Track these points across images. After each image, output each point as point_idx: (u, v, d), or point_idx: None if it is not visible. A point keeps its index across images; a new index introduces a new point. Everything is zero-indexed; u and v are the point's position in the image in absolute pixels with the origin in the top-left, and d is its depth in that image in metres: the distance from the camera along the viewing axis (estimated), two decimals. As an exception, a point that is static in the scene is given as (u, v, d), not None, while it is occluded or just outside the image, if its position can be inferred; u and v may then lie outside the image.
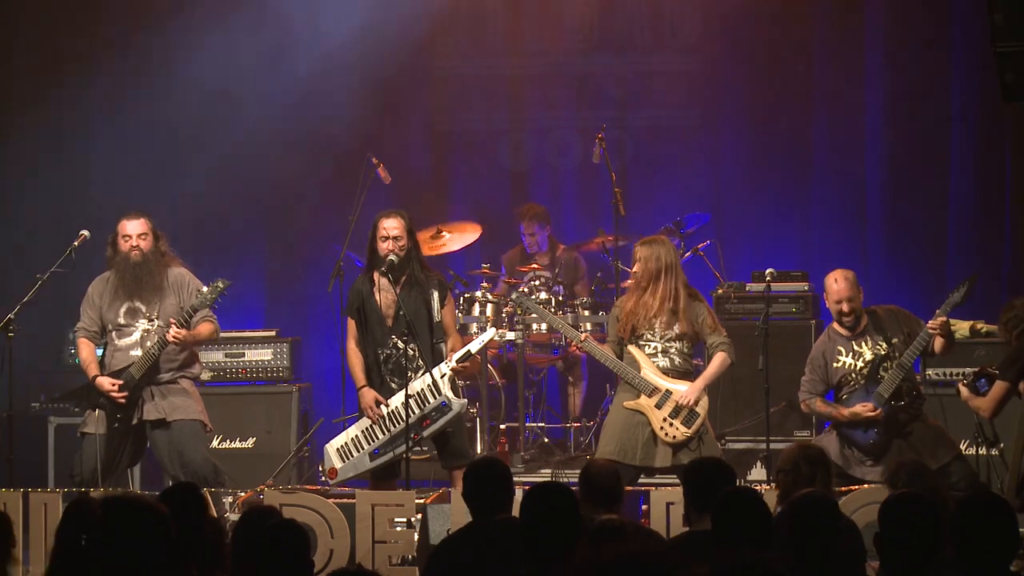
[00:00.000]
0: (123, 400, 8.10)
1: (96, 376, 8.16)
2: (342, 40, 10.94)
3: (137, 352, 8.20)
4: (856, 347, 8.18)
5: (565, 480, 8.40)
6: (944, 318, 7.95)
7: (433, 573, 5.62)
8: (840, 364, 8.21)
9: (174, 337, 8.02)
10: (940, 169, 10.78)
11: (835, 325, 8.28)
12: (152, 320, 8.21)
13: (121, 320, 8.24)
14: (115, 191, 10.68)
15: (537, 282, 9.73)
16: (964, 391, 7.93)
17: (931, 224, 10.79)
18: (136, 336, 8.21)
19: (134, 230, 8.25)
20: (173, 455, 8.13)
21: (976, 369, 8.06)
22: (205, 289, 8.11)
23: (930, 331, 7.97)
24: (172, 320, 8.06)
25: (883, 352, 8.12)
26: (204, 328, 8.27)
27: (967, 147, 10.69)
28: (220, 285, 8.09)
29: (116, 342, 8.24)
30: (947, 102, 10.73)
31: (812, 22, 11.02)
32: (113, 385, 8.11)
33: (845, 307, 8.13)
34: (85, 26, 11.00)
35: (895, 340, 8.13)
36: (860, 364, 8.14)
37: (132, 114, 10.97)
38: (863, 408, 8.02)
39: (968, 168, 10.69)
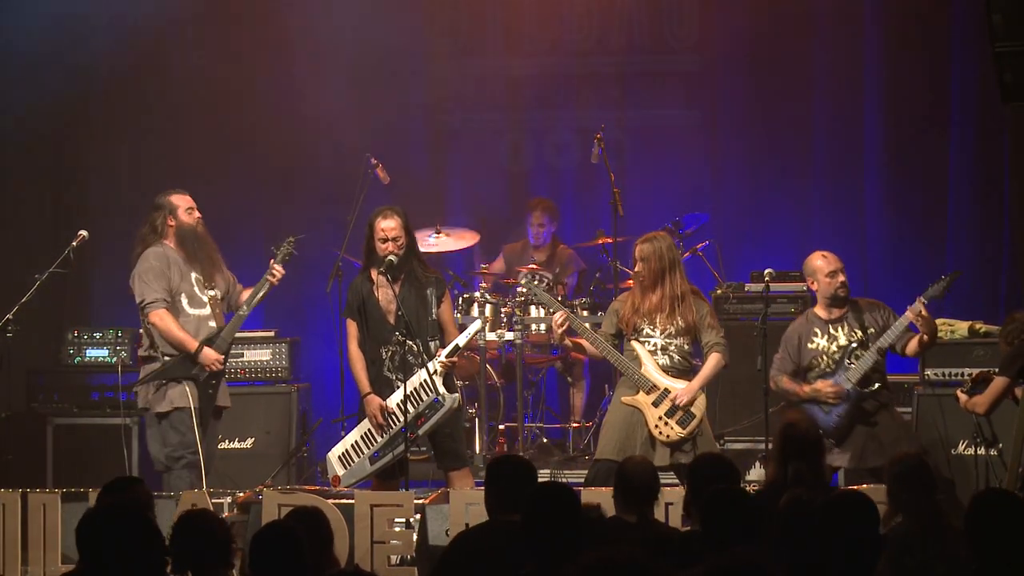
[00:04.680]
0: (223, 369, 8.24)
1: (201, 346, 8.14)
2: (340, 38, 10.94)
3: (212, 323, 8.26)
4: (832, 331, 8.29)
5: (564, 480, 8.44)
6: (926, 313, 8.02)
7: (450, 569, 5.61)
8: (814, 346, 8.32)
9: (282, 274, 8.28)
10: (939, 170, 10.77)
11: (815, 309, 8.41)
12: (213, 290, 8.31)
13: (195, 289, 8.25)
14: (111, 191, 10.75)
15: (536, 281, 9.69)
16: (963, 398, 7.96)
17: (930, 225, 10.80)
18: (208, 308, 8.26)
19: (192, 202, 8.37)
20: (213, 440, 8.31)
21: (974, 376, 8.09)
22: (281, 252, 8.32)
23: (909, 317, 8.03)
24: (272, 262, 8.27)
25: (856, 340, 8.23)
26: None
27: (966, 148, 10.68)
28: (291, 240, 8.38)
29: (190, 312, 8.24)
30: (946, 103, 10.72)
31: (811, 22, 11.01)
32: (218, 355, 8.17)
33: (842, 276, 8.27)
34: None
35: (871, 330, 8.24)
36: (833, 348, 8.27)
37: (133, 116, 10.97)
38: (823, 384, 8.18)
39: (967, 169, 10.69)
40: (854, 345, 8.23)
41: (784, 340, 8.45)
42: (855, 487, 7.38)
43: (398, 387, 7.91)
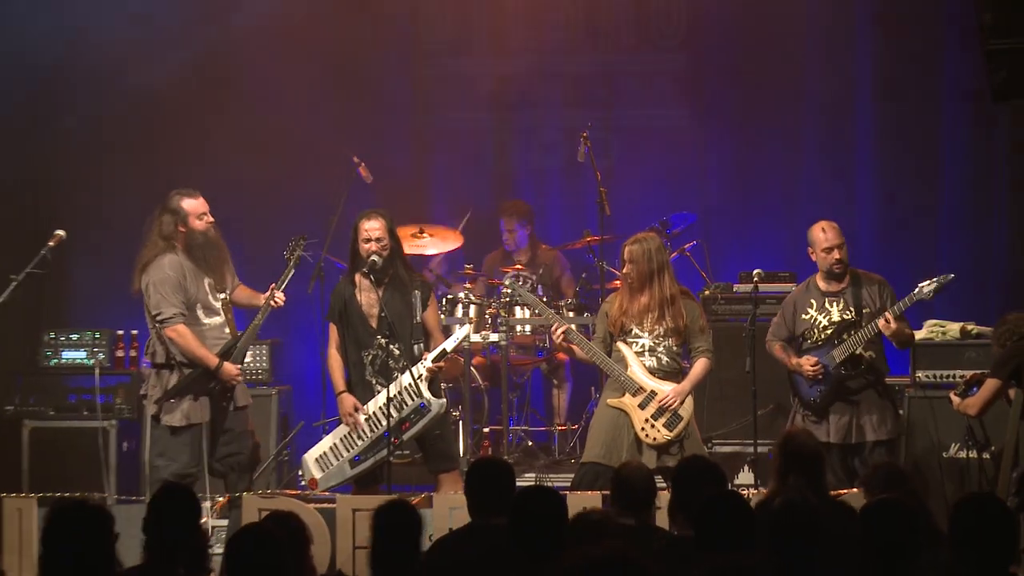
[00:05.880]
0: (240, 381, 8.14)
1: (222, 362, 8.01)
2: (323, 37, 10.87)
3: (226, 329, 8.17)
4: (827, 305, 8.36)
5: (550, 483, 8.35)
6: (894, 326, 8.07)
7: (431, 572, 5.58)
8: (807, 317, 8.39)
9: (283, 300, 8.17)
10: (931, 170, 10.76)
11: (816, 278, 8.45)
12: (223, 292, 8.21)
13: (209, 298, 8.15)
14: (89, 190, 10.65)
15: (520, 282, 9.63)
16: (956, 400, 7.96)
17: (922, 225, 10.78)
18: (221, 315, 8.18)
19: (205, 206, 8.22)
20: (240, 438, 8.16)
21: (967, 378, 8.12)
22: (291, 261, 8.27)
23: (879, 328, 8.11)
24: (272, 285, 8.16)
25: (850, 319, 8.28)
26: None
27: (958, 148, 10.67)
28: (301, 241, 8.32)
29: (206, 322, 8.12)
30: (939, 102, 10.71)
31: (801, 20, 10.97)
32: (238, 369, 8.07)
33: (837, 254, 8.32)
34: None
35: (866, 310, 8.29)
36: (825, 323, 8.34)
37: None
38: (806, 362, 8.26)
39: (960, 168, 10.67)
40: (847, 321, 8.27)
41: (783, 305, 8.58)
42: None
43: (379, 392, 7.88)
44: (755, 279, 8.73)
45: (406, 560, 5.24)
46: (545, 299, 9.58)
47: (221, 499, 7.95)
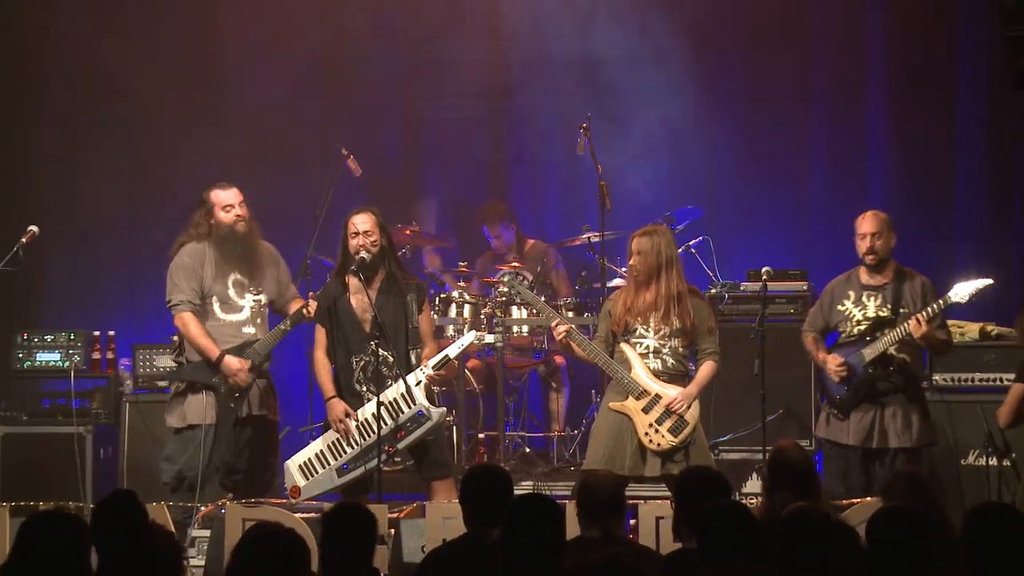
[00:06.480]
0: (247, 382, 7.95)
1: (223, 355, 7.91)
2: (310, 24, 10.76)
3: (249, 329, 8.11)
4: (865, 299, 8.32)
5: (548, 492, 8.27)
6: (926, 328, 7.94)
7: None
8: (843, 308, 8.32)
9: (316, 312, 7.95)
10: (947, 165, 10.64)
11: (859, 269, 8.38)
12: (259, 294, 8.12)
13: (231, 293, 8.06)
14: (64, 184, 10.53)
15: (518, 279, 9.40)
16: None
17: (937, 221, 10.65)
18: (246, 312, 8.11)
19: (236, 198, 8.16)
20: (255, 453, 8.15)
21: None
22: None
23: (910, 329, 7.99)
24: (311, 294, 8.10)
25: (886, 316, 8.17)
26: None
27: (975, 140, 10.55)
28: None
29: (221, 317, 8.08)
30: (955, 93, 10.59)
31: (811, 6, 10.86)
32: (242, 366, 7.92)
33: (869, 242, 8.28)
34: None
35: (904, 309, 8.21)
36: (860, 317, 8.31)
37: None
38: (832, 360, 8.21)
39: (976, 162, 10.55)
40: (883, 319, 8.16)
41: (822, 294, 8.53)
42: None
43: (368, 401, 7.74)
44: (764, 277, 8.57)
45: (358, 567, 5.08)
46: (543, 298, 9.39)
47: (204, 508, 7.78)
